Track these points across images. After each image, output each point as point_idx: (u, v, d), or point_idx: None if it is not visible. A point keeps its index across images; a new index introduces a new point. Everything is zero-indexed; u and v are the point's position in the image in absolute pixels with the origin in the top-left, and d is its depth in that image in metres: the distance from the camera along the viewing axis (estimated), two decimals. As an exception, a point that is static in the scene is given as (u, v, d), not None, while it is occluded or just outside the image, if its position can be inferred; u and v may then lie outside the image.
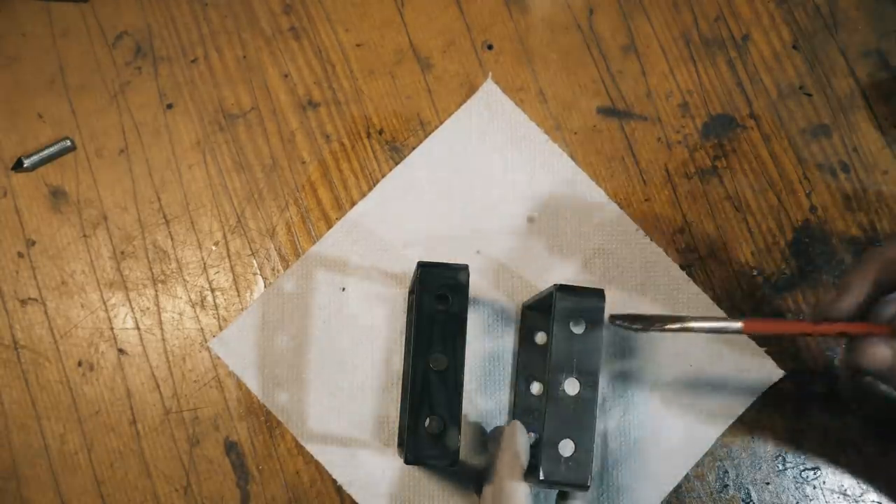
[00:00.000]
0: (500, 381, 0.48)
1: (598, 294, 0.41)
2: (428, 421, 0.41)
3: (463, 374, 0.42)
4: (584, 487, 0.40)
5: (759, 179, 0.50)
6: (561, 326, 0.41)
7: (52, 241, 0.50)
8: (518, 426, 0.42)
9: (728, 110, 0.51)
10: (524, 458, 0.41)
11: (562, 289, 0.41)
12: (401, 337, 0.49)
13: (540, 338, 0.48)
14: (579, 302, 0.41)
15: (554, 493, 0.45)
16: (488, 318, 0.49)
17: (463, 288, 0.42)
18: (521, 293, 0.49)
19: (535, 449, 0.42)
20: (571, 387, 0.40)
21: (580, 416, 0.40)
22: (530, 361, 0.48)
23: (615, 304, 0.49)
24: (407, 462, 0.41)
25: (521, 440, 0.42)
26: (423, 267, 0.42)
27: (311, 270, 0.49)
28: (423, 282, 0.42)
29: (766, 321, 0.38)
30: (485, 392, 0.48)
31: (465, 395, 0.47)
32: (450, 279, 0.42)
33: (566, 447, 0.40)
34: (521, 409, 0.47)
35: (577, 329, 0.41)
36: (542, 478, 0.39)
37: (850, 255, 0.50)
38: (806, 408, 0.48)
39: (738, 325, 0.37)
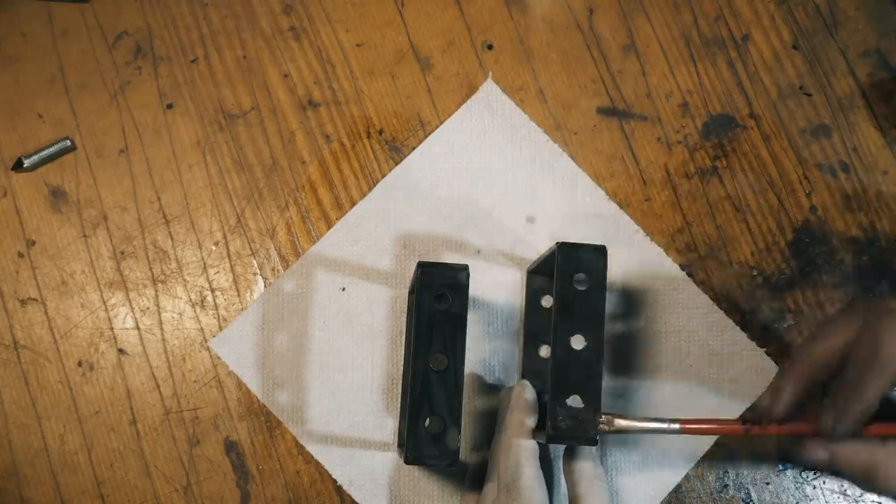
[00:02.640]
0: (503, 380, 0.48)
1: (601, 250, 0.42)
2: (428, 421, 0.41)
3: (463, 373, 0.42)
4: (592, 442, 0.40)
5: (759, 179, 0.50)
6: (564, 283, 0.41)
7: (52, 241, 0.50)
8: (526, 385, 0.43)
9: (728, 110, 0.51)
10: (532, 416, 0.42)
11: (564, 246, 0.41)
12: (401, 337, 0.49)
13: (546, 301, 0.48)
14: (582, 258, 0.41)
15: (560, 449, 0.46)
16: (489, 318, 0.49)
17: (463, 288, 0.42)
18: (521, 293, 0.49)
19: (544, 409, 0.42)
20: (577, 343, 0.40)
21: (586, 372, 0.40)
22: (537, 325, 0.48)
23: (615, 304, 0.49)
24: (407, 462, 0.41)
25: (529, 398, 0.43)
26: (423, 267, 0.42)
27: (311, 270, 0.49)
28: (423, 282, 0.42)
29: (703, 422, 0.40)
30: (486, 392, 0.48)
31: (465, 394, 0.47)
32: (450, 279, 0.42)
33: (574, 403, 0.40)
34: (531, 372, 0.48)
35: (581, 285, 0.41)
36: (549, 433, 0.40)
37: (850, 255, 0.50)
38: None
39: (675, 426, 0.40)
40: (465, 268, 0.43)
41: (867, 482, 0.36)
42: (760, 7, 0.52)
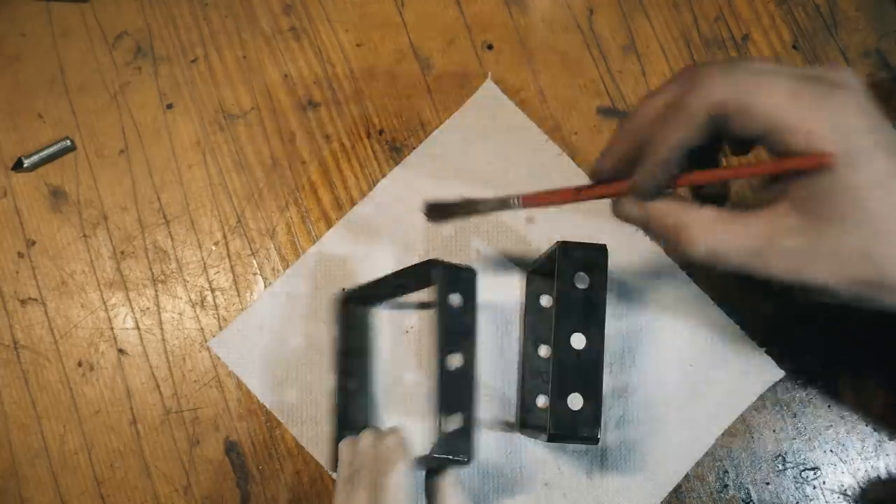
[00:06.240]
0: (506, 383, 0.48)
1: (601, 249, 0.41)
2: (450, 419, 0.40)
3: (476, 372, 0.41)
4: (593, 441, 0.40)
5: (760, 179, 0.50)
6: (565, 282, 0.41)
7: (52, 241, 0.50)
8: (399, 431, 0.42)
9: (728, 110, 0.51)
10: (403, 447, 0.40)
11: (565, 245, 0.41)
12: (400, 335, 0.49)
13: (546, 301, 0.48)
14: (582, 258, 0.41)
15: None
16: (489, 317, 0.49)
17: (472, 288, 0.42)
18: (521, 293, 0.49)
19: (544, 411, 0.41)
20: (577, 342, 0.40)
21: (588, 371, 0.40)
22: (537, 325, 0.48)
23: (615, 303, 0.49)
24: (431, 454, 0.40)
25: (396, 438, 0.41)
26: (434, 267, 0.42)
27: (311, 270, 0.49)
28: (442, 283, 0.42)
29: (541, 193, 0.38)
30: (488, 391, 0.48)
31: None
32: (462, 279, 0.42)
33: (575, 402, 0.40)
34: (530, 372, 0.48)
35: (581, 284, 0.41)
36: (550, 432, 0.39)
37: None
38: (806, 408, 0.48)
39: (517, 198, 0.38)
40: (471, 270, 0.42)
41: (674, 245, 0.33)
42: (760, 7, 0.52)
